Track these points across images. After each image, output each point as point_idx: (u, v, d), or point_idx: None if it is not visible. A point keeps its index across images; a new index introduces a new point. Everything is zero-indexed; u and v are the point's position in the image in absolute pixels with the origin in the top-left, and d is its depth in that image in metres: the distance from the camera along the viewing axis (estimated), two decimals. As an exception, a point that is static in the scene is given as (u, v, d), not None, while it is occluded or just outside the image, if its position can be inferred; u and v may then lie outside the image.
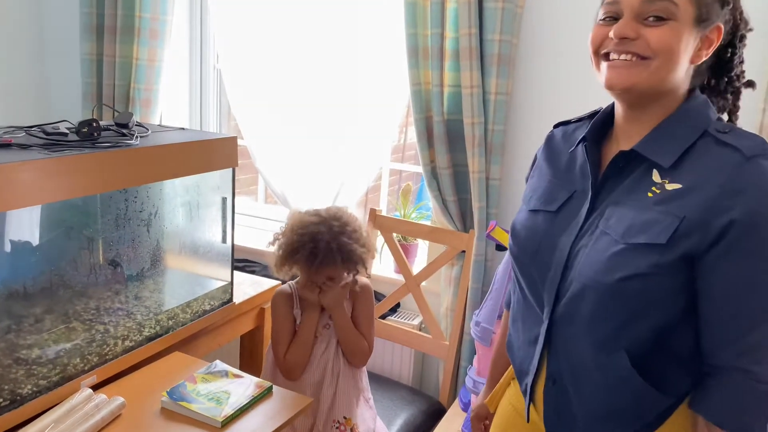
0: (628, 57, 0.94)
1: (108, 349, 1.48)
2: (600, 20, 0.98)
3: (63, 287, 1.40)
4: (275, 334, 1.74)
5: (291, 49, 2.28)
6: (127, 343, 1.53)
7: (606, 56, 0.97)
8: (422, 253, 2.39)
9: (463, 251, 2.08)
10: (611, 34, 0.95)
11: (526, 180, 1.22)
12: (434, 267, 2.15)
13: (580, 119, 1.14)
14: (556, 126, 1.18)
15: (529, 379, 1.10)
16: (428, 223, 2.25)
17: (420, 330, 2.25)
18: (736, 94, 1.07)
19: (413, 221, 2.33)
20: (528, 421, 1.14)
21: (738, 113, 1.08)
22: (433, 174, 2.06)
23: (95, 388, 1.40)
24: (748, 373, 0.92)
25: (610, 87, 0.97)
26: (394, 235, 2.25)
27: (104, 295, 1.50)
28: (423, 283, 2.20)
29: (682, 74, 0.96)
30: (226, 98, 2.57)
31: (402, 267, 2.20)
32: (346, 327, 1.70)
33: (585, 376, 1.01)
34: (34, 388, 1.31)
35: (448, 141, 1.99)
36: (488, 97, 1.92)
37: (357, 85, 2.22)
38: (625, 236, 0.93)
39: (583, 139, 1.06)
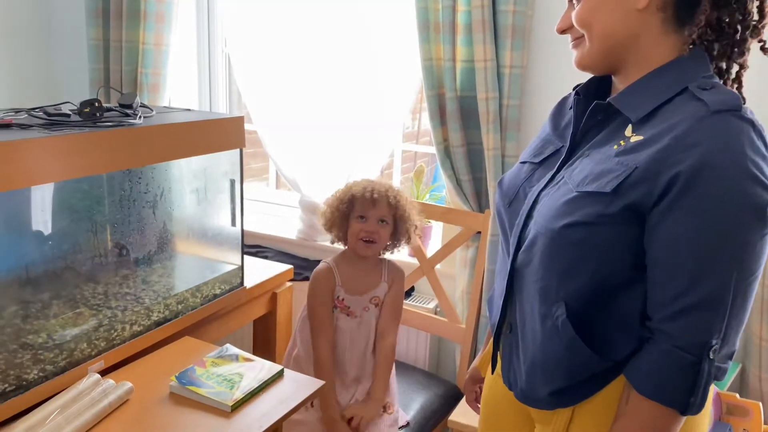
0: (573, 42, 1.01)
1: (116, 334, 1.45)
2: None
3: (70, 271, 1.36)
4: (313, 325, 1.73)
5: (300, 31, 2.23)
6: (135, 328, 1.50)
7: None
8: (436, 235, 2.34)
9: (479, 232, 2.02)
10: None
11: None
12: (449, 249, 2.10)
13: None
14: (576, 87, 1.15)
15: (493, 328, 1.13)
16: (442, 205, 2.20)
17: (435, 314, 2.20)
18: (743, 39, 0.97)
19: (427, 202, 2.28)
20: (492, 372, 1.16)
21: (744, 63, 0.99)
22: (447, 153, 2.00)
23: (103, 373, 1.37)
24: (675, 339, 0.87)
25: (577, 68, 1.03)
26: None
27: (112, 280, 1.47)
28: (437, 266, 2.14)
29: (628, 27, 0.93)
30: (236, 83, 2.53)
31: (416, 250, 2.15)
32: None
33: (530, 325, 1.02)
34: (41, 374, 1.28)
35: (461, 118, 1.93)
36: (502, 71, 1.85)
37: (368, 65, 2.16)
38: (579, 185, 0.93)
39: (576, 93, 1.04)
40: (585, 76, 1.07)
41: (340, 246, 1.78)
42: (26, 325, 1.27)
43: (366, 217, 1.68)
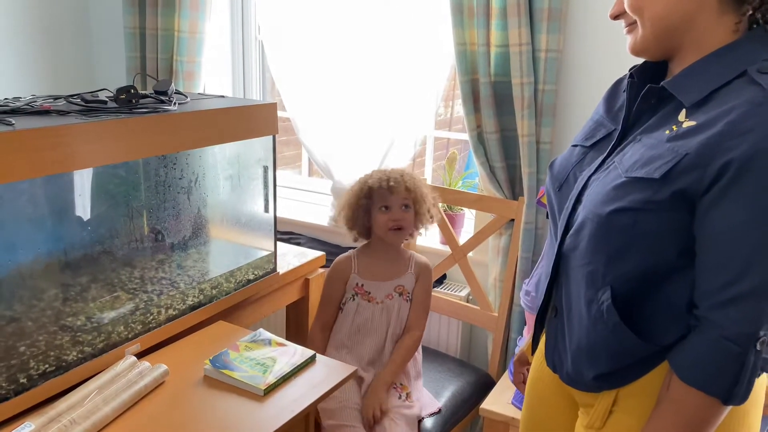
0: (627, 27, 0.99)
1: (152, 317, 1.48)
2: None
3: (107, 256, 1.39)
4: (320, 302, 1.77)
5: (332, 18, 2.22)
6: (170, 312, 1.52)
7: None
8: (469, 222, 2.32)
9: (512, 220, 2.00)
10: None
11: None
12: (481, 237, 2.08)
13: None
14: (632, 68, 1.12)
15: (538, 310, 1.13)
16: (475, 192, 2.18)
17: (467, 301, 2.19)
18: None
19: (459, 190, 2.26)
20: (533, 353, 1.20)
21: None
22: (480, 139, 1.98)
23: (139, 356, 1.40)
24: (722, 329, 0.85)
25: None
26: (440, 204, 2.18)
27: (148, 264, 1.49)
28: (470, 254, 2.13)
29: (682, 8, 0.90)
30: (269, 71, 2.54)
31: (448, 237, 2.14)
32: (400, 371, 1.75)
33: (576, 309, 1.01)
34: (79, 355, 1.32)
35: (495, 104, 1.90)
36: (538, 55, 1.82)
37: (401, 51, 2.14)
38: (629, 170, 0.92)
39: (630, 75, 1.02)
40: (623, 60, 1.04)
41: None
42: (66, 308, 1.29)
43: (389, 206, 1.72)
